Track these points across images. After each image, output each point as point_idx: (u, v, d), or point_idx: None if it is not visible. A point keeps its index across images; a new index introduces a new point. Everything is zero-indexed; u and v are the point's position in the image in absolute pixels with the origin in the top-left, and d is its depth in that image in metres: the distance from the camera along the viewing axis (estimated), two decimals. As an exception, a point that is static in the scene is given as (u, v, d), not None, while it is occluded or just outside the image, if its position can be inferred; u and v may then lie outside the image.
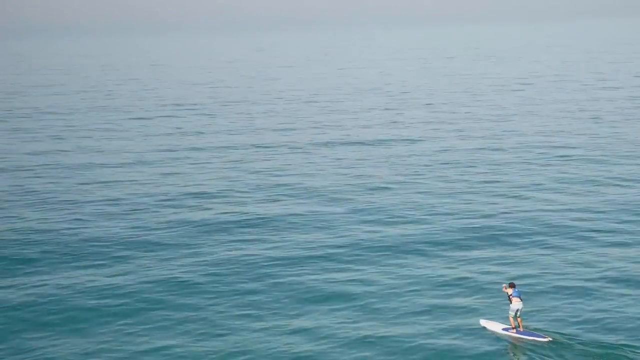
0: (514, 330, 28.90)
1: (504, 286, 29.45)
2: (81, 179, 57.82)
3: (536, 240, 39.95)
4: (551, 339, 28.19)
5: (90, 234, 43.06)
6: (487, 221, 43.53)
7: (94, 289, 34.41)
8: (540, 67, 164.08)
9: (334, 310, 31.66)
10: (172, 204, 49.46)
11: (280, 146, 70.63)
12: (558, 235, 40.78)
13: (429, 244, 39.65)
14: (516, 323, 28.97)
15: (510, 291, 28.96)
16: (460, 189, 51.45)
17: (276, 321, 30.67)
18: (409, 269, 36.13)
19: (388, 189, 52.18)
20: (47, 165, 63.26)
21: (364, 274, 35.57)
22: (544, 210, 45.44)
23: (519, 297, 28.86)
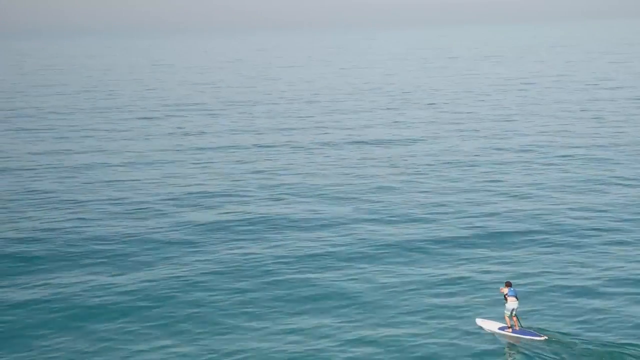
0: (509, 330, 28.96)
1: (500, 289, 29.54)
2: (83, 178, 57.99)
3: (536, 240, 40.10)
4: (547, 338, 28.27)
5: (92, 233, 43.23)
6: (489, 220, 43.68)
7: (97, 288, 34.61)
8: (542, 67, 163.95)
9: (334, 308, 31.86)
10: (175, 203, 49.63)
11: (282, 146, 70.78)
12: (558, 234, 40.92)
13: (430, 244, 39.80)
14: (512, 322, 29.04)
15: (506, 290, 29.04)
16: (461, 189, 51.58)
17: (277, 320, 30.86)
18: (410, 268, 36.29)
19: (390, 188, 52.30)
20: (50, 165, 63.42)
21: (365, 273, 35.75)
22: (544, 210, 45.56)
23: (515, 297, 28.91)
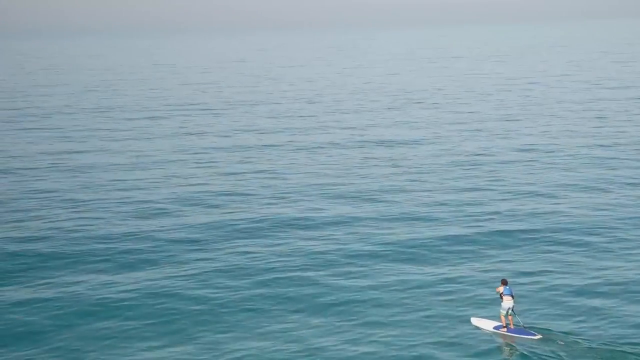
0: (504, 329, 28.95)
1: (496, 288, 29.55)
2: (86, 178, 58.11)
3: (537, 239, 40.17)
4: (542, 337, 28.29)
5: (95, 232, 43.37)
6: (490, 220, 43.77)
7: (100, 287, 34.75)
8: (543, 67, 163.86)
9: (335, 307, 31.98)
10: (177, 203, 49.75)
11: (284, 145, 70.84)
12: (560, 233, 40.97)
13: (431, 243, 39.91)
14: (507, 321, 29.04)
15: (501, 289, 29.06)
16: (463, 188, 51.66)
17: (278, 318, 31.01)
18: (412, 267, 36.42)
19: (392, 188, 52.37)
20: (52, 165, 63.53)
21: (365, 272, 35.88)
22: (546, 210, 45.63)
23: (511, 295, 28.94)
